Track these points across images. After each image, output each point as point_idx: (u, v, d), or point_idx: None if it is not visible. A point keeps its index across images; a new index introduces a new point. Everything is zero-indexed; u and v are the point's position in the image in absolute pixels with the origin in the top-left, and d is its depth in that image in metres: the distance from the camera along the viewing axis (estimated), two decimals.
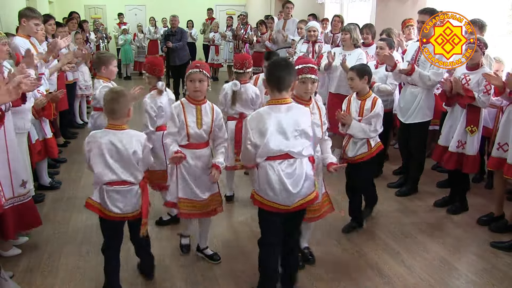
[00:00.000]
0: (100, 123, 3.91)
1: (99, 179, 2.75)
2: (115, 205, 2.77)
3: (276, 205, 2.66)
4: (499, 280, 3.26)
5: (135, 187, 2.81)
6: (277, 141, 2.60)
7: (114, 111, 2.74)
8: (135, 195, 2.82)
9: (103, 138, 2.73)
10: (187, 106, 3.15)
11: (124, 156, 2.74)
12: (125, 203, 2.79)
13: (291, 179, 2.63)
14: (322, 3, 9.45)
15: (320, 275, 3.28)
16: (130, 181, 2.78)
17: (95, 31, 11.45)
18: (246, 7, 14.94)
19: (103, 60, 3.99)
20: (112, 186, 2.75)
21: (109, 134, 2.75)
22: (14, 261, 3.39)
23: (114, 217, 2.80)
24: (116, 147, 2.72)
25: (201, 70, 3.09)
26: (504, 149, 3.89)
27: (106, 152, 2.72)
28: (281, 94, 2.67)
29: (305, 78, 2.94)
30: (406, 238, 3.87)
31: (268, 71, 2.75)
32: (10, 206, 3.32)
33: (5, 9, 6.92)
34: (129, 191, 2.79)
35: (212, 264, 3.39)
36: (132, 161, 2.76)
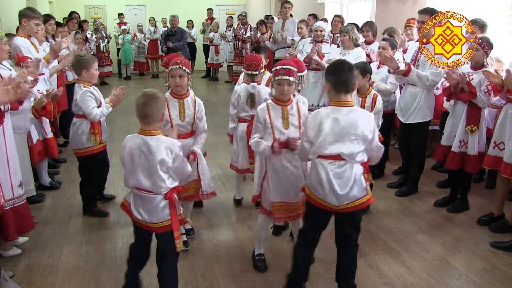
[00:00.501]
0: (83, 130, 3.89)
1: (126, 182, 2.71)
2: (137, 210, 2.68)
3: (324, 203, 2.70)
4: (499, 280, 3.26)
5: (157, 197, 2.64)
6: (331, 142, 2.63)
7: (146, 115, 2.60)
8: (158, 205, 2.64)
9: (133, 142, 2.63)
10: (171, 100, 3.40)
11: (149, 163, 2.59)
12: (147, 211, 2.65)
13: (340, 180, 2.65)
14: (322, 3, 9.46)
15: (320, 275, 3.28)
16: (151, 190, 2.63)
17: (96, 31, 11.45)
18: (246, 7, 14.93)
19: (83, 63, 3.83)
20: (139, 190, 2.66)
21: (138, 138, 2.63)
22: (14, 261, 3.39)
23: (136, 221, 2.72)
24: (144, 153, 2.59)
25: (181, 66, 3.32)
26: (500, 147, 3.91)
27: (133, 156, 2.61)
28: (346, 97, 2.67)
29: (281, 80, 3.01)
30: (406, 238, 3.87)
31: (333, 74, 2.69)
32: (11, 207, 3.32)
33: (5, 9, 6.93)
34: (151, 200, 2.64)
35: (212, 264, 3.39)
36: (157, 169, 2.59)
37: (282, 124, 3.06)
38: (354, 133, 2.62)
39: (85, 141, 3.91)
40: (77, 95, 3.84)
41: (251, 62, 4.03)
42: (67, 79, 6.66)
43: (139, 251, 2.83)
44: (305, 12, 9.39)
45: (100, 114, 3.87)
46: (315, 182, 2.71)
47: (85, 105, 3.80)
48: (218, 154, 5.88)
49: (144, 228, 2.71)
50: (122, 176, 4.96)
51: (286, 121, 3.07)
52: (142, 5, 14.52)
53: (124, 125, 7.64)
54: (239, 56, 11.42)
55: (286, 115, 3.08)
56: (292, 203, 3.14)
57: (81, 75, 3.87)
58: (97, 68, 3.94)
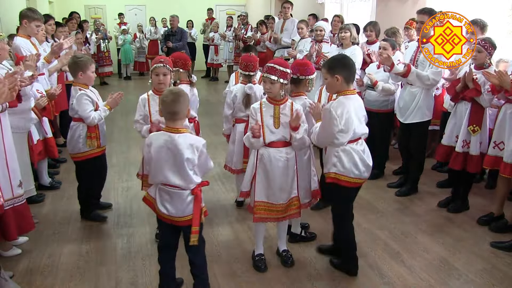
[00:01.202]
0: (79, 134, 3.81)
1: (153, 179, 2.74)
2: (163, 205, 2.73)
3: (360, 181, 3.13)
4: (499, 280, 3.26)
5: (185, 192, 2.70)
6: (357, 126, 3.02)
7: (176, 112, 2.63)
8: (185, 200, 2.70)
9: (159, 140, 2.66)
10: (152, 97, 3.52)
11: (177, 161, 2.64)
12: (173, 206, 2.71)
13: (366, 155, 3.12)
14: (322, 3, 9.46)
15: (320, 275, 3.28)
16: (180, 186, 2.68)
17: (96, 31, 11.45)
18: (246, 7, 14.93)
19: (80, 64, 3.73)
20: (165, 185, 2.71)
21: (165, 136, 2.65)
22: (14, 261, 3.39)
23: (162, 217, 2.77)
24: (171, 150, 2.63)
25: (165, 64, 3.43)
26: (500, 147, 3.91)
27: (160, 154, 2.65)
28: (350, 86, 3.04)
29: (264, 77, 3.12)
30: (406, 238, 3.87)
31: (343, 67, 3.00)
32: (11, 207, 3.32)
33: (5, 9, 6.93)
34: (178, 195, 2.70)
35: (212, 264, 3.39)
36: (184, 167, 2.64)
37: (273, 123, 3.12)
38: (364, 114, 3.13)
39: (81, 145, 3.82)
40: (73, 98, 3.76)
41: (248, 63, 4.05)
42: (67, 79, 6.65)
43: (166, 244, 2.88)
44: (305, 12, 9.40)
45: (98, 118, 3.78)
46: (348, 166, 3.04)
47: (81, 108, 3.72)
48: (218, 154, 5.87)
49: (168, 222, 2.76)
50: (122, 176, 4.98)
51: (277, 120, 3.13)
52: (142, 5, 14.53)
53: (124, 125, 7.65)
54: (239, 56, 11.40)
55: (277, 114, 3.13)
56: (276, 205, 3.22)
57: (77, 77, 3.76)
58: (94, 71, 3.84)
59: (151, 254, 3.54)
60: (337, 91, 3.05)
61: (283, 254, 3.44)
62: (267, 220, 3.27)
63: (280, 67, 3.09)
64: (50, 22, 6.10)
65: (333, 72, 2.98)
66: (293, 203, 3.26)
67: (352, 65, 3.05)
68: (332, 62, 3.07)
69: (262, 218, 3.23)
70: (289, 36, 8.10)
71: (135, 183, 4.97)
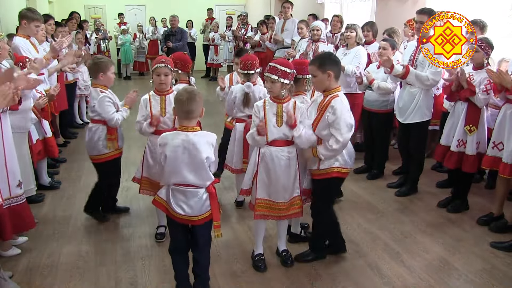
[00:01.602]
0: (99, 136, 3.79)
1: (167, 180, 2.74)
2: (178, 205, 2.73)
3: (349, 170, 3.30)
4: (498, 280, 3.26)
5: (201, 190, 2.73)
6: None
7: (191, 111, 2.67)
8: (201, 198, 2.73)
9: (175, 139, 2.66)
10: (153, 97, 3.53)
11: (195, 159, 2.66)
12: (189, 205, 2.72)
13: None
14: (322, 3, 9.46)
15: (320, 275, 3.28)
16: (196, 185, 2.71)
17: (96, 31, 11.44)
18: (246, 7, 14.93)
19: (101, 66, 3.72)
20: (178, 186, 2.71)
21: (181, 135, 2.67)
22: (14, 261, 3.39)
23: (178, 218, 2.75)
24: (188, 150, 2.65)
25: (166, 65, 3.45)
26: (499, 148, 3.92)
27: (176, 154, 2.65)
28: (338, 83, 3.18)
29: (266, 77, 3.15)
30: (406, 238, 3.87)
31: (335, 64, 3.12)
32: (8, 207, 3.32)
33: (5, 9, 6.93)
34: (194, 194, 2.72)
35: (212, 264, 3.38)
36: (204, 165, 2.68)
37: (276, 121, 3.13)
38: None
39: (101, 147, 3.80)
40: (95, 100, 3.71)
41: (247, 62, 4.03)
42: (67, 79, 6.67)
43: (179, 246, 2.88)
44: (305, 12, 9.39)
45: (121, 119, 3.79)
46: (347, 156, 3.21)
47: (105, 111, 3.68)
48: None
49: (184, 223, 2.78)
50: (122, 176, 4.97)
51: (280, 118, 3.13)
52: (142, 5, 14.53)
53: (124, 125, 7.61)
54: None
55: (280, 112, 3.13)
56: (278, 203, 3.22)
57: (97, 78, 3.74)
58: (113, 71, 3.84)
59: (151, 254, 3.54)
60: (325, 88, 3.13)
61: (283, 254, 3.43)
62: (268, 218, 3.27)
63: (282, 67, 3.09)
64: (50, 22, 6.10)
65: (325, 68, 3.06)
66: (296, 202, 3.26)
67: (339, 62, 3.21)
68: (323, 58, 3.15)
69: (263, 216, 3.23)
70: (289, 36, 8.11)
71: (135, 183, 4.96)
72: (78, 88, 7.35)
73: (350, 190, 4.90)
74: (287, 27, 8.38)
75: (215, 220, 2.77)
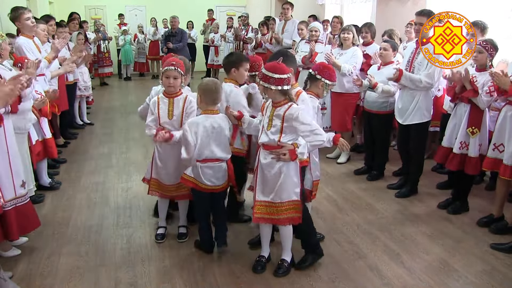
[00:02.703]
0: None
1: (199, 154, 3.26)
2: (208, 179, 3.31)
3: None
4: (498, 282, 3.26)
5: (223, 164, 3.35)
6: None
7: (217, 98, 3.30)
8: (224, 170, 3.36)
9: (206, 122, 3.25)
10: (162, 99, 3.54)
11: (221, 136, 3.29)
12: (216, 178, 3.34)
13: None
14: (323, 4, 9.46)
15: (320, 276, 3.27)
16: (222, 158, 3.31)
17: (96, 31, 11.45)
18: (246, 8, 14.94)
19: (234, 61, 3.74)
20: (206, 162, 3.29)
21: (209, 118, 3.27)
22: (14, 262, 3.39)
23: (206, 189, 3.33)
24: (216, 129, 3.25)
25: (176, 68, 3.44)
26: (499, 149, 3.91)
27: (207, 133, 3.24)
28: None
29: (258, 81, 3.09)
30: (406, 240, 3.87)
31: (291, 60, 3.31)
32: (13, 207, 3.32)
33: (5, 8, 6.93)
34: (220, 168, 3.34)
35: (211, 264, 3.40)
36: (227, 141, 3.33)
37: (267, 124, 3.09)
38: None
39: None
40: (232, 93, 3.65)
41: (254, 63, 4.00)
42: (67, 79, 6.68)
43: (206, 212, 3.51)
44: (306, 13, 9.40)
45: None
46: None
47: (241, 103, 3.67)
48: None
49: (210, 191, 3.36)
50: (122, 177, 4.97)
51: (270, 122, 3.06)
52: (142, 6, 14.54)
53: (124, 126, 7.65)
54: None
55: (271, 116, 3.07)
56: (275, 203, 3.13)
57: (230, 73, 3.76)
58: (247, 68, 3.76)
59: (151, 254, 3.54)
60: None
61: (279, 262, 3.32)
62: (267, 222, 3.20)
63: (275, 75, 2.94)
64: (51, 22, 6.12)
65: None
66: (292, 207, 3.15)
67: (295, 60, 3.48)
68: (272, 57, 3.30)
69: (261, 219, 3.17)
70: (290, 37, 8.11)
71: (135, 183, 4.97)
72: (78, 88, 7.36)
73: (350, 191, 4.90)
74: (287, 28, 8.39)
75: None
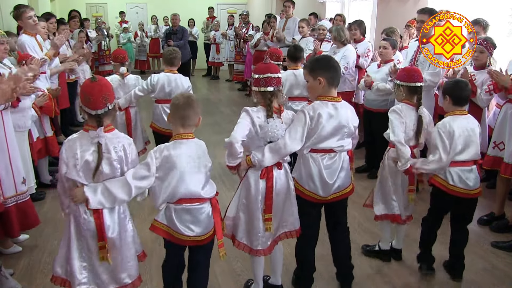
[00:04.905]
0: None
1: (171, 196, 2.44)
2: (186, 226, 2.46)
3: (315, 196, 2.81)
4: (499, 280, 3.26)
5: (205, 205, 2.50)
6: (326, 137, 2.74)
7: (188, 117, 2.45)
8: (207, 214, 2.51)
9: (177, 150, 2.42)
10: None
11: (201, 167, 2.47)
12: (198, 224, 2.48)
13: (328, 171, 2.78)
14: (323, 2, 9.45)
15: (320, 274, 3.28)
16: (205, 198, 2.48)
17: (97, 29, 11.45)
18: (247, 5, 14.92)
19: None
20: (182, 204, 2.45)
21: (183, 144, 2.45)
22: (15, 259, 3.40)
23: (183, 241, 2.49)
24: (193, 160, 2.45)
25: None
26: (500, 148, 3.91)
27: (182, 166, 2.41)
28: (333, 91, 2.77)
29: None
30: (407, 238, 3.85)
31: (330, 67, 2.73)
32: (14, 204, 3.33)
33: (5, 7, 6.92)
34: (200, 210, 2.48)
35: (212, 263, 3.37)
36: (208, 174, 2.52)
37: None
38: (345, 125, 2.74)
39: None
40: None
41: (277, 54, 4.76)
42: (68, 77, 6.67)
43: (180, 269, 2.72)
44: (306, 11, 9.38)
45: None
46: (305, 176, 2.79)
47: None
48: (218, 153, 5.86)
49: (191, 244, 2.55)
50: None
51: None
52: (143, 4, 14.54)
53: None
54: (240, 55, 11.42)
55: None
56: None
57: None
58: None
59: (151, 252, 3.54)
60: (318, 96, 2.76)
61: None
62: None
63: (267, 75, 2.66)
64: (52, 20, 6.11)
65: (315, 74, 2.72)
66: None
67: (337, 67, 2.78)
68: (314, 63, 2.78)
69: None
70: (290, 35, 8.10)
71: None
72: (79, 86, 7.35)
73: None
74: (288, 26, 8.38)
75: (219, 237, 2.54)
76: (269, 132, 2.59)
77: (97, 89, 2.26)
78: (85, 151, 2.26)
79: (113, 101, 2.34)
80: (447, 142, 3.00)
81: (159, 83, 4.43)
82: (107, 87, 2.31)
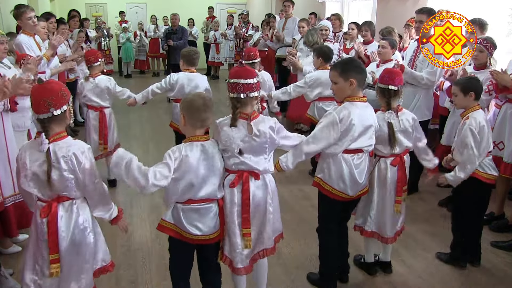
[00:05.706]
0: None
1: (181, 196, 2.42)
2: (193, 225, 2.44)
3: (344, 195, 2.86)
4: (499, 280, 3.26)
5: (212, 205, 2.48)
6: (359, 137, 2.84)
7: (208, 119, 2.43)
8: (215, 214, 2.49)
9: (194, 152, 2.39)
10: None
11: (215, 169, 2.45)
12: (205, 223, 2.46)
13: (358, 170, 2.83)
14: (323, 2, 9.45)
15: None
16: (212, 198, 2.46)
17: (97, 29, 11.45)
18: (247, 5, 14.92)
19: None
20: (190, 204, 2.43)
21: (199, 146, 2.41)
22: (14, 259, 3.39)
23: (190, 239, 2.47)
24: (207, 161, 2.42)
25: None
26: (499, 147, 3.91)
27: (199, 168, 2.39)
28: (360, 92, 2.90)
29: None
30: (406, 238, 3.86)
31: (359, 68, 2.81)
32: (12, 204, 3.33)
33: (5, 7, 6.92)
34: (208, 210, 2.47)
35: None
36: (220, 174, 2.49)
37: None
38: (370, 124, 2.88)
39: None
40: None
41: (250, 53, 4.75)
42: (68, 77, 6.67)
43: (188, 269, 2.65)
44: (306, 11, 9.38)
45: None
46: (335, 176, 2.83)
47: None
48: None
49: (199, 243, 2.52)
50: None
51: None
52: (143, 3, 14.54)
53: (126, 124, 7.64)
54: (240, 55, 11.42)
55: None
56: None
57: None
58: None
59: (151, 252, 3.54)
60: (347, 97, 2.80)
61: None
62: None
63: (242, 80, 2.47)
64: (52, 20, 6.11)
65: (347, 76, 2.74)
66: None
67: (365, 70, 2.90)
68: (346, 64, 2.81)
69: None
70: (290, 34, 8.09)
71: None
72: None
73: None
74: (287, 25, 8.37)
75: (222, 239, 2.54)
76: (223, 141, 2.48)
77: (38, 92, 2.16)
78: (34, 162, 2.19)
79: (62, 107, 2.18)
80: (478, 137, 3.11)
81: (179, 83, 4.50)
82: (52, 92, 2.16)
